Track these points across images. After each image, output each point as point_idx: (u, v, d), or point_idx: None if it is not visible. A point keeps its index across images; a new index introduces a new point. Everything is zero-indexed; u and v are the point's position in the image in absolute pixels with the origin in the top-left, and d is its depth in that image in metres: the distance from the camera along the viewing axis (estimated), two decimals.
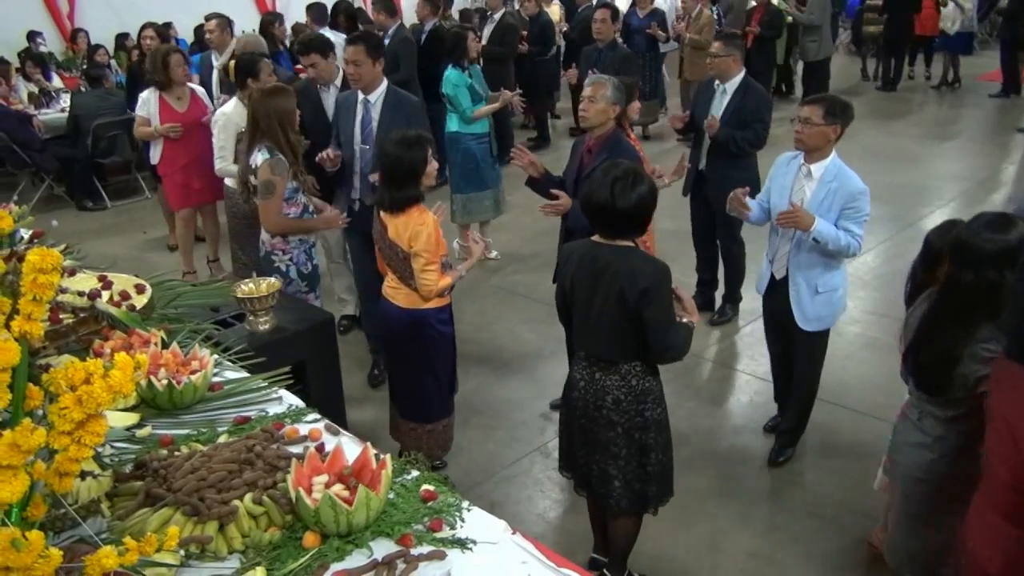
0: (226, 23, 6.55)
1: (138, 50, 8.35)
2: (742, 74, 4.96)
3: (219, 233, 6.37)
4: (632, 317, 2.77)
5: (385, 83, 4.47)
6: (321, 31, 7.32)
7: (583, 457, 3.04)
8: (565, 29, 10.45)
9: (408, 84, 6.21)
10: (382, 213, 3.47)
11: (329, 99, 4.87)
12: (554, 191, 3.88)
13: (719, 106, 4.98)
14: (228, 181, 5.00)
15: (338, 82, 4.89)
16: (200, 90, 6.04)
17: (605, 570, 3.24)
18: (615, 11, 7.55)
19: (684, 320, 2.88)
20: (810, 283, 3.60)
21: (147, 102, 5.72)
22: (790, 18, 10.52)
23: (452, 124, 6.14)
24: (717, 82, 5.03)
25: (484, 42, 8.43)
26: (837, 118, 3.44)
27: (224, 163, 4.93)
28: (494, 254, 6.55)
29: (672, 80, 10.92)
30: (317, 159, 4.43)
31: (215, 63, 6.55)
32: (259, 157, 3.82)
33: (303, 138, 4.16)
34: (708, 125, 4.91)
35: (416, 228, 3.34)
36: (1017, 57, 11.11)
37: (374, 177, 4.13)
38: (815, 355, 3.80)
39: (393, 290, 3.56)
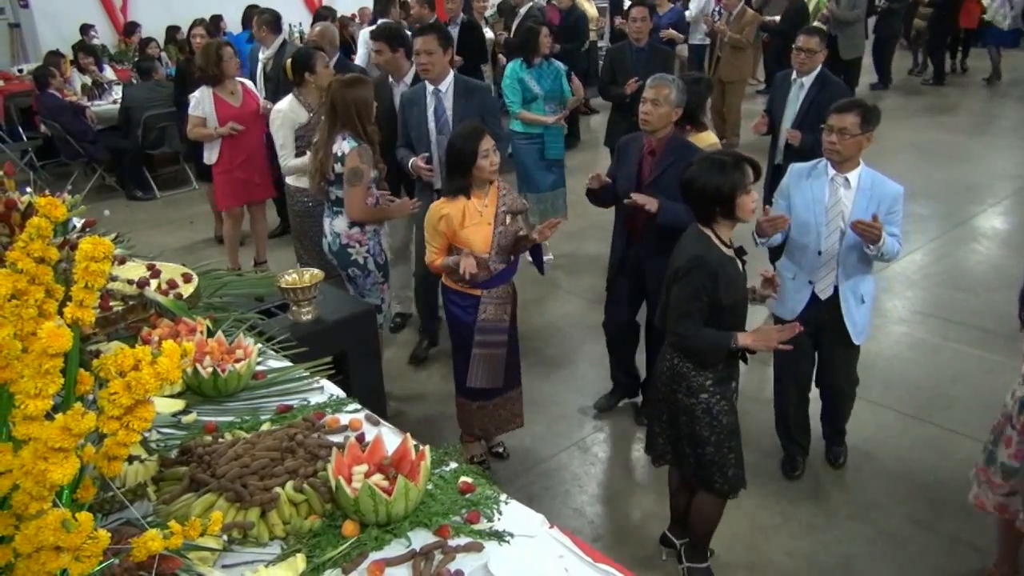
0: (272, 20, 6.62)
1: (187, 48, 8.36)
2: (819, 67, 4.86)
3: (266, 233, 6.46)
4: (669, 291, 2.88)
5: (453, 72, 4.51)
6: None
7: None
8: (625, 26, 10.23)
9: None
10: None
11: (399, 95, 4.80)
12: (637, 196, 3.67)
13: (796, 100, 4.88)
14: (289, 180, 4.92)
15: (408, 78, 4.80)
16: (249, 83, 6.08)
17: (683, 555, 3.25)
18: (652, 8, 7.36)
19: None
20: (856, 295, 3.51)
21: (201, 101, 5.66)
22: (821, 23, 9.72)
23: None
24: (794, 75, 4.93)
25: (511, 35, 8.43)
26: (871, 124, 3.34)
27: (287, 159, 4.85)
28: (548, 256, 6.24)
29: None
30: (411, 165, 4.49)
31: (260, 57, 6.64)
32: (345, 145, 3.88)
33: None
34: (791, 138, 4.78)
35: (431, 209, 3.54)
36: None
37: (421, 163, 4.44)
38: (855, 357, 3.72)
39: None
